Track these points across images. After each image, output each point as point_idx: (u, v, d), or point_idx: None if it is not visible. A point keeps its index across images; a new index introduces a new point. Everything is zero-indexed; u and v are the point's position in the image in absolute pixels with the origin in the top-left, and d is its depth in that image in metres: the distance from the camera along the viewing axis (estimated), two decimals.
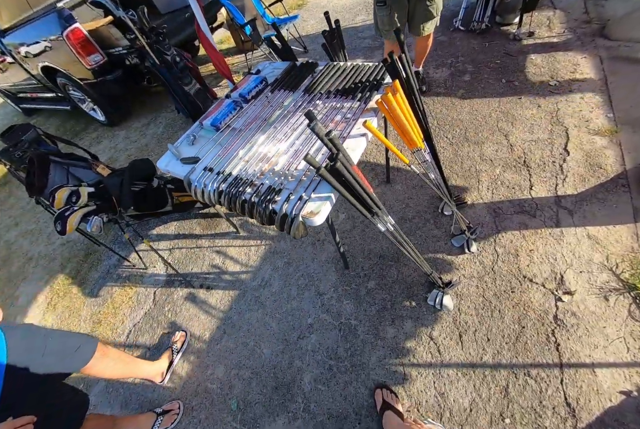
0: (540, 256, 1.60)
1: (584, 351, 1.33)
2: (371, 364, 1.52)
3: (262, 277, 1.98)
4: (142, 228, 2.52)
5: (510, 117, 2.26)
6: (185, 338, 1.81)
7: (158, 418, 1.51)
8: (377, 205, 1.19)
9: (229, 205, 1.29)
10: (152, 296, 2.12)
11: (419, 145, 1.35)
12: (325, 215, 1.12)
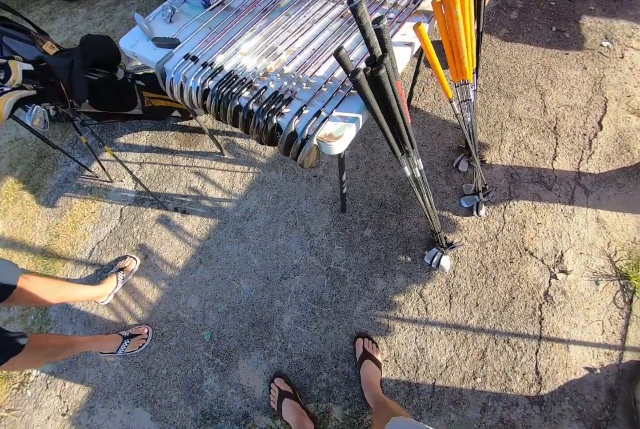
0: (546, 232, 1.61)
1: (564, 328, 1.43)
2: (355, 313, 1.54)
3: (247, 208, 1.84)
4: (107, 134, 2.18)
5: (551, 74, 2.09)
6: (134, 266, 1.70)
7: (124, 341, 1.46)
8: (412, 142, 1.03)
9: (216, 112, 1.01)
10: (118, 214, 1.93)
11: (467, 77, 1.16)
12: (348, 141, 0.92)
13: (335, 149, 0.91)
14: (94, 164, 2.06)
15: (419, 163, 1.14)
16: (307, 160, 0.91)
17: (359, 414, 1.38)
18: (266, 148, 2.02)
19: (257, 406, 1.44)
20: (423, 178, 1.21)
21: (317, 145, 0.90)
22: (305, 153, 0.89)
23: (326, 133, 0.89)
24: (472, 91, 1.27)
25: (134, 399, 1.50)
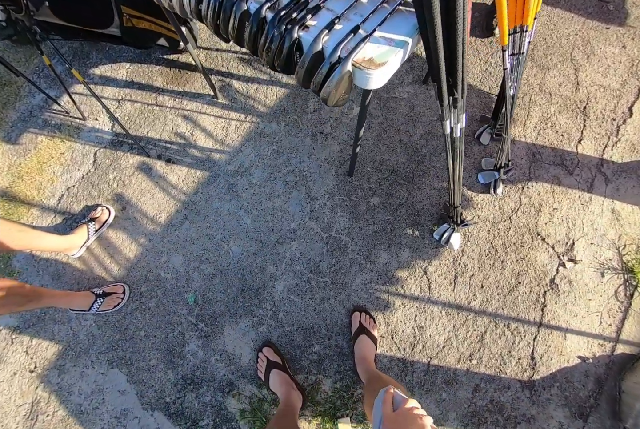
0: (561, 218, 1.58)
1: (564, 317, 1.44)
2: (354, 286, 1.48)
3: (242, 162, 1.68)
4: (79, 63, 1.87)
5: (588, 48, 1.97)
6: (108, 218, 1.53)
7: (97, 299, 1.33)
8: (464, 88, 0.87)
9: (214, 20, 0.79)
10: (91, 157, 1.70)
11: (527, 22, 1.02)
12: (392, 72, 0.75)
13: (375, 80, 0.72)
14: (64, 97, 1.78)
15: (463, 119, 1.00)
16: (334, 93, 0.71)
17: (349, 388, 1.36)
18: (267, 96, 1.81)
19: (243, 374, 1.39)
20: (461, 140, 1.08)
21: (350, 73, 0.70)
22: (333, 82, 0.69)
23: (365, 58, 0.70)
24: (527, 42, 1.12)
25: (109, 360, 1.42)
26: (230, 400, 1.38)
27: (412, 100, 1.81)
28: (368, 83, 0.73)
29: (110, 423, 1.38)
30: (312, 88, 0.74)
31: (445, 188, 1.62)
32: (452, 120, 0.97)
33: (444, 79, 0.81)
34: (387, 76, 0.75)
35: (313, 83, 0.73)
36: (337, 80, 0.69)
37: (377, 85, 0.75)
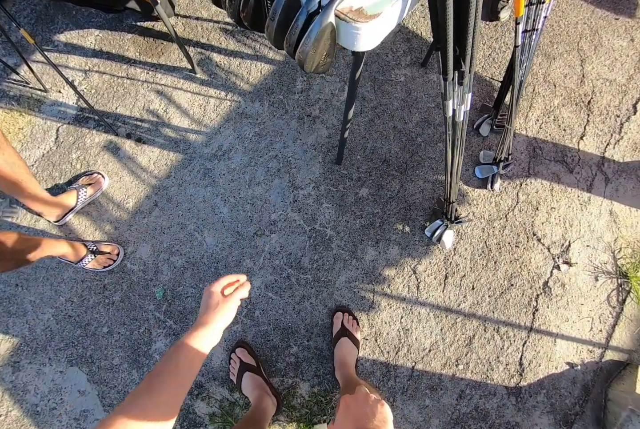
0: (558, 218, 1.59)
1: (555, 321, 1.46)
2: (338, 284, 1.46)
3: (220, 145, 1.62)
4: (43, 28, 1.75)
5: (596, 39, 1.97)
6: (100, 186, 1.46)
7: (89, 255, 1.33)
8: (473, 58, 0.79)
9: None
10: (53, 134, 1.61)
11: None
12: (388, 28, 0.65)
13: (364, 38, 0.61)
14: (24, 66, 1.67)
15: (468, 100, 0.94)
16: (311, 55, 0.61)
17: (327, 393, 1.35)
18: (250, 72, 1.75)
19: (214, 376, 1.36)
20: (464, 125, 1.04)
21: (333, 26, 0.59)
22: (311, 39, 0.58)
23: (352, 7, 0.59)
24: (543, 18, 1.07)
25: (68, 358, 1.37)
26: (200, 403, 1.35)
27: (409, 84, 1.78)
28: (355, 42, 0.62)
29: (69, 425, 1.34)
30: (286, 48, 0.63)
31: (440, 181, 1.60)
32: (455, 100, 0.92)
33: (450, 46, 0.72)
34: (379, 34, 0.64)
35: (287, 41, 0.62)
36: (316, 36, 0.58)
37: (367, 46, 0.64)
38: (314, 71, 0.67)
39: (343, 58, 1.82)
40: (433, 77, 1.83)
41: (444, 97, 0.92)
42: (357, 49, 0.65)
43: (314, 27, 0.59)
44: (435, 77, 1.85)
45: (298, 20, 0.61)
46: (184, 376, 0.53)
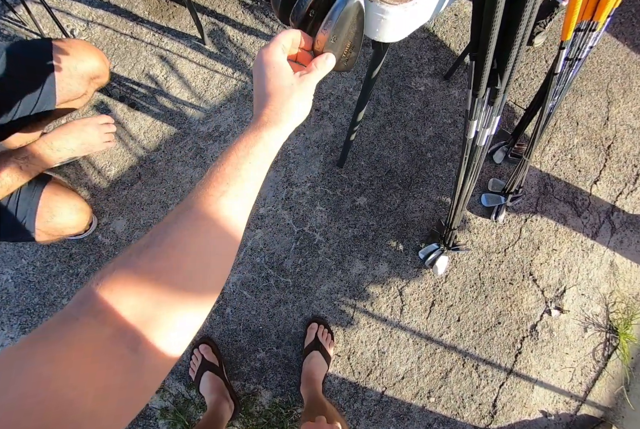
0: (558, 261, 1.82)
1: (537, 367, 1.66)
2: (318, 293, 1.61)
3: (218, 125, 1.76)
4: None
5: (626, 82, 2.26)
6: None
7: None
8: (512, 76, 0.78)
9: None
10: None
11: (598, 19, 0.99)
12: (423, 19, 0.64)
13: (390, 25, 0.59)
14: (22, 5, 1.79)
15: (495, 124, 0.96)
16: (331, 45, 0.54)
17: (289, 405, 1.47)
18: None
19: (172, 369, 1.47)
20: (483, 151, 1.10)
21: (361, 7, 0.54)
22: (335, 21, 0.52)
23: None
24: (589, 47, 1.13)
25: (22, 325, 1.45)
26: (153, 395, 1.47)
27: (428, 95, 1.99)
28: (378, 29, 0.59)
29: None
30: (293, 25, 0.56)
31: (444, 203, 1.80)
32: (481, 122, 0.93)
33: (490, 56, 0.69)
34: (409, 24, 0.61)
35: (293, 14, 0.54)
36: (340, 17, 0.52)
37: (391, 37, 0.62)
38: (334, 69, 0.58)
39: (364, 55, 2.03)
40: (454, 92, 2.06)
41: (468, 116, 0.94)
42: (379, 39, 0.61)
43: (337, 7, 0.52)
44: (457, 92, 2.07)
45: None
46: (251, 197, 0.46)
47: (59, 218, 1.14)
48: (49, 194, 1.13)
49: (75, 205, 1.20)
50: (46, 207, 1.11)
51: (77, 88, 1.18)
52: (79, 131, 1.14)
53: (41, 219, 1.10)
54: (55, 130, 1.11)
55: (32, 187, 1.12)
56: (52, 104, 1.14)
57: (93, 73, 1.20)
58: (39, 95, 1.11)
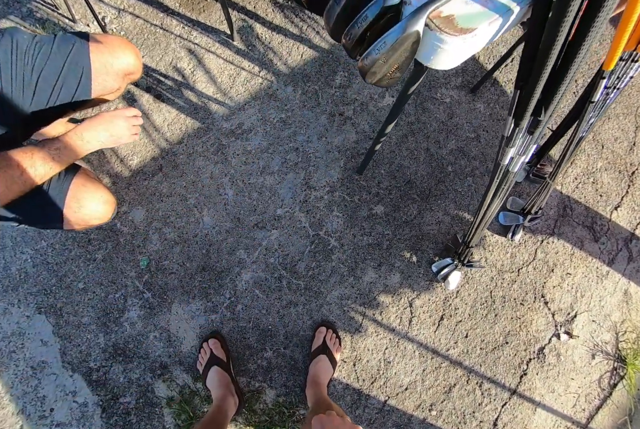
0: (571, 285, 2.03)
1: (541, 390, 1.86)
2: (329, 298, 1.82)
3: (241, 122, 1.95)
4: None
5: None
6: None
7: None
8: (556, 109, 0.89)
9: None
10: None
11: None
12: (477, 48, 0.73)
13: (445, 54, 0.68)
14: None
15: (531, 152, 1.07)
16: (379, 65, 0.67)
17: (292, 406, 1.65)
18: (291, 53, 2.08)
19: (181, 360, 1.67)
20: (515, 176, 1.20)
21: (419, 35, 0.64)
22: (386, 46, 0.63)
23: (441, 12, 0.66)
24: (629, 77, 1.21)
25: (38, 304, 1.66)
26: (160, 384, 1.65)
27: (454, 107, 2.20)
28: (432, 57, 0.68)
29: (24, 371, 1.64)
30: (345, 42, 0.68)
31: (461, 218, 2.02)
32: (517, 149, 1.03)
33: (539, 88, 0.77)
34: (464, 54, 0.70)
35: (347, 34, 0.67)
36: (394, 44, 0.62)
37: (445, 65, 0.70)
38: (375, 83, 0.72)
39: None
40: (480, 106, 2.27)
41: (506, 143, 1.02)
42: (433, 66, 0.71)
43: (393, 32, 0.62)
44: (483, 107, 2.29)
45: (369, 10, 0.64)
46: None
47: (86, 209, 1.26)
48: (78, 185, 1.25)
49: (102, 196, 1.31)
50: (74, 197, 1.23)
51: (111, 85, 1.32)
52: (108, 123, 1.26)
53: (69, 209, 1.22)
54: (85, 122, 1.23)
55: (62, 177, 1.23)
56: (87, 97, 1.29)
57: (128, 70, 1.34)
58: (76, 89, 1.24)
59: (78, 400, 1.68)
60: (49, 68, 1.20)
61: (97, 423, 1.67)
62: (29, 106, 1.21)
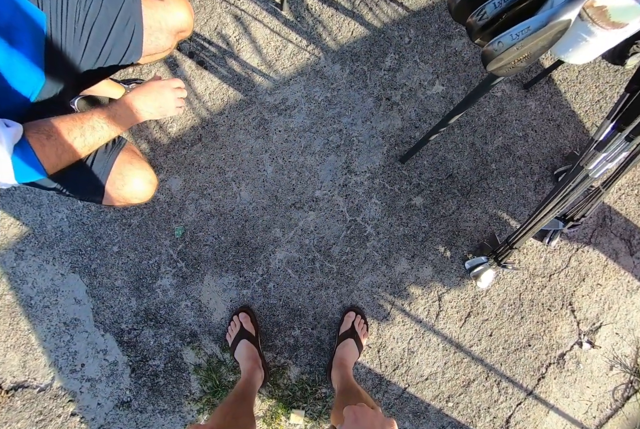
0: (600, 296, 2.44)
1: (556, 394, 2.27)
2: (360, 284, 2.21)
3: (285, 98, 2.20)
4: None
5: None
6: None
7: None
8: None
9: None
10: None
11: None
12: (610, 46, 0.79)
13: (588, 48, 0.76)
14: None
15: (618, 158, 1.15)
16: (511, 52, 0.72)
17: (315, 384, 1.99)
18: (341, 29, 2.29)
19: (210, 330, 2.02)
20: (590, 183, 1.31)
21: (570, 23, 0.69)
22: (528, 32, 0.68)
23: (597, 4, 0.71)
24: None
25: (72, 263, 1.94)
26: (189, 351, 2.02)
27: (504, 102, 2.41)
28: (571, 49, 0.74)
29: (57, 327, 1.93)
30: (471, 24, 0.72)
31: (499, 217, 2.32)
32: (607, 155, 1.11)
33: None
34: (603, 48, 0.77)
35: (477, 14, 0.71)
36: (538, 31, 0.66)
37: (581, 58, 0.76)
38: (493, 71, 0.76)
39: (444, 48, 2.42)
40: (531, 103, 2.44)
41: (598, 147, 1.09)
42: (566, 59, 0.77)
43: (542, 17, 0.65)
44: (534, 104, 2.52)
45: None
46: None
47: (130, 187, 1.34)
48: (124, 161, 1.34)
49: (147, 176, 1.40)
50: (120, 174, 1.31)
51: (164, 43, 1.41)
52: (156, 93, 1.36)
53: (113, 185, 1.31)
54: (134, 91, 1.33)
55: (108, 150, 1.32)
56: (138, 56, 1.38)
57: (181, 27, 1.42)
58: (127, 48, 1.33)
59: (108, 359, 2.01)
60: (101, 20, 1.27)
61: (125, 381, 2.00)
62: (80, 62, 1.30)
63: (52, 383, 2.03)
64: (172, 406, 1.99)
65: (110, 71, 1.43)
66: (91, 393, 2.01)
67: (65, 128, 1.17)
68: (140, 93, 1.35)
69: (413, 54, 2.27)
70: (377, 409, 1.20)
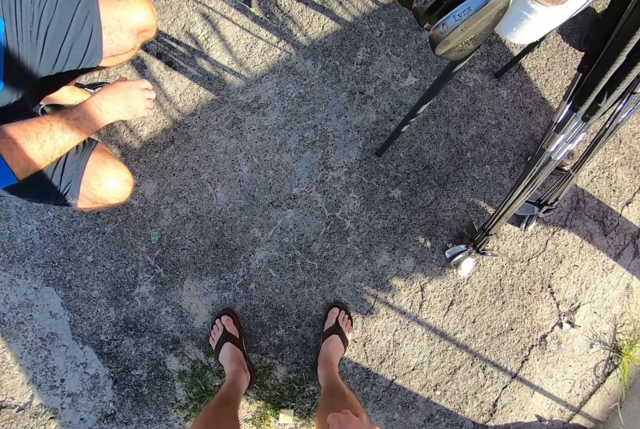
0: (577, 277, 2.26)
1: (539, 375, 2.11)
2: (342, 280, 2.01)
3: (257, 95, 2.03)
4: None
5: None
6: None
7: None
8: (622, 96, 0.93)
9: None
10: None
11: None
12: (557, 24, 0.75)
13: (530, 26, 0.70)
14: None
15: (577, 140, 1.11)
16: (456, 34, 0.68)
17: (302, 382, 1.84)
18: (311, 24, 2.13)
19: (193, 336, 1.83)
20: (554, 165, 1.24)
21: (509, 2, 0.66)
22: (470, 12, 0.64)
23: None
24: None
25: (45, 277, 1.74)
26: (172, 358, 1.82)
27: (476, 92, 2.29)
28: (515, 29, 0.71)
29: (33, 343, 1.74)
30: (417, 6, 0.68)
31: (476, 205, 2.19)
32: (567, 136, 1.06)
33: (611, 71, 0.78)
34: (547, 27, 0.72)
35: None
36: (479, 10, 0.64)
37: (526, 38, 0.73)
38: (443, 55, 0.73)
39: (415, 40, 2.36)
40: (503, 92, 2.37)
41: (557, 129, 1.04)
42: (511, 39, 0.73)
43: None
44: (506, 93, 2.41)
45: None
46: None
47: (106, 187, 1.25)
48: (97, 161, 1.25)
49: (122, 175, 1.30)
50: (94, 174, 1.22)
51: (126, 42, 1.29)
52: (125, 93, 1.27)
53: (88, 186, 1.22)
54: (102, 91, 1.24)
55: (80, 151, 1.23)
56: (99, 58, 1.27)
57: (142, 26, 1.30)
58: (85, 49, 1.22)
59: (89, 372, 1.83)
60: (56, 21, 1.16)
61: (108, 394, 1.83)
62: (38, 66, 1.19)
63: (32, 401, 1.84)
64: (158, 416, 1.81)
65: (72, 75, 1.32)
66: (73, 409, 1.84)
67: (34, 131, 1.08)
68: (109, 93, 1.26)
69: (385, 47, 2.11)
70: (361, 415, 1.14)
